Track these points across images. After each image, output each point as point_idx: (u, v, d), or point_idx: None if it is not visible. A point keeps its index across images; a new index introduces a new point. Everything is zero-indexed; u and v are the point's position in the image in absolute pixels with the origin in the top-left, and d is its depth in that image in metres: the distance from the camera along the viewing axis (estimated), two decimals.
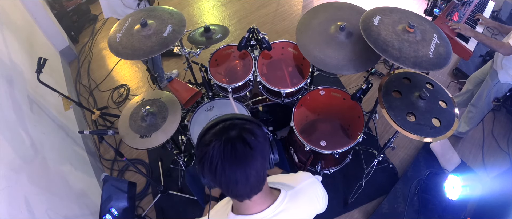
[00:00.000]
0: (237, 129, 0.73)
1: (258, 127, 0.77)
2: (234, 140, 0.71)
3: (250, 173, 0.72)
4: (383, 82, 1.64)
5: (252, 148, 0.71)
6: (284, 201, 0.86)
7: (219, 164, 0.70)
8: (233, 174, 0.71)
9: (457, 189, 2.07)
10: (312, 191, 0.94)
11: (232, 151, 0.70)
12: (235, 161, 0.70)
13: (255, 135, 0.73)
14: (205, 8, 3.88)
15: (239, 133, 0.72)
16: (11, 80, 1.95)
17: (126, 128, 1.75)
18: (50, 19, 3.05)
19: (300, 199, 0.91)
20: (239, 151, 0.70)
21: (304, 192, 0.93)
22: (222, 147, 0.70)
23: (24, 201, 1.50)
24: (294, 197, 0.89)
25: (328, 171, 2.08)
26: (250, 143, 0.71)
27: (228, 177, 0.71)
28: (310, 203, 0.93)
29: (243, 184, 0.73)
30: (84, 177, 2.25)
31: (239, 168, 0.71)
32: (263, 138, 0.76)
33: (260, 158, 0.73)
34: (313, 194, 0.94)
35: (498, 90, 2.11)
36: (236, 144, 0.70)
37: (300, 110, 2.07)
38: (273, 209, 0.84)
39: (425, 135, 1.46)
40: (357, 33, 1.70)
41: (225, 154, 0.70)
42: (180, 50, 1.96)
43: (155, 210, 2.31)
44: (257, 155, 0.72)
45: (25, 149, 1.74)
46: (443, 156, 2.42)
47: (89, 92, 3.09)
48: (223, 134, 0.72)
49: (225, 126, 0.74)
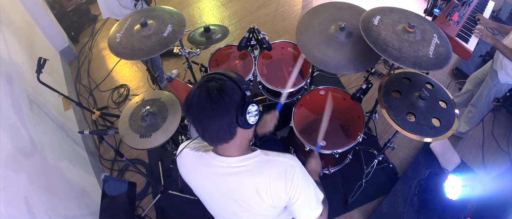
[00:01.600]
0: (213, 82, 0.82)
1: (235, 86, 0.84)
2: (202, 88, 0.82)
3: (207, 122, 0.82)
4: (383, 82, 1.64)
5: (212, 100, 0.80)
6: (254, 158, 0.91)
7: (188, 103, 0.84)
8: (195, 117, 0.83)
9: (457, 189, 2.07)
10: (287, 169, 0.89)
11: (198, 96, 0.82)
12: (197, 106, 0.82)
13: (222, 90, 0.81)
14: (205, 8, 3.88)
15: (210, 85, 0.82)
16: (11, 80, 1.95)
17: (126, 128, 1.75)
18: (50, 19, 3.05)
19: (269, 168, 0.90)
20: (201, 98, 0.81)
21: (277, 164, 0.90)
22: (194, 90, 0.83)
23: (24, 201, 1.50)
24: (265, 162, 0.91)
25: (328, 171, 2.08)
26: (212, 96, 0.80)
27: (192, 118, 0.84)
28: (279, 177, 0.88)
29: (202, 129, 0.84)
30: (84, 177, 2.24)
31: (197, 113, 0.82)
32: (231, 96, 0.82)
33: (219, 113, 0.81)
34: (283, 172, 0.89)
35: (498, 90, 2.11)
36: (201, 91, 0.82)
37: (300, 110, 2.07)
38: (239, 159, 0.91)
39: (425, 135, 1.46)
40: (357, 33, 1.70)
41: (194, 96, 0.82)
42: (180, 50, 1.96)
43: (155, 210, 2.31)
44: (215, 107, 0.80)
45: (25, 149, 1.74)
46: (443, 156, 2.42)
47: (89, 92, 3.09)
48: (202, 81, 0.84)
49: (209, 77, 0.85)
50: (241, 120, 0.83)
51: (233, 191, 0.94)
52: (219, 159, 0.92)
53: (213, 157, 0.93)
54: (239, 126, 0.85)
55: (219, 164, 0.92)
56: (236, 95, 0.83)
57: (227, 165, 0.91)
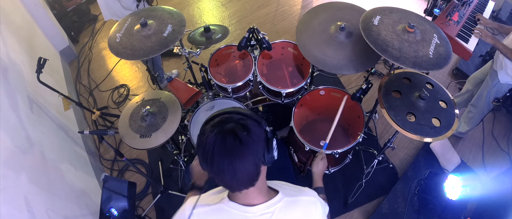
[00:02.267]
0: (233, 123, 0.75)
1: (256, 124, 0.79)
2: (226, 133, 0.74)
3: (238, 167, 0.75)
4: (383, 82, 1.64)
5: (243, 143, 0.74)
6: (278, 204, 0.86)
7: (210, 153, 0.74)
8: (222, 165, 0.74)
9: (457, 189, 2.07)
10: (310, 209, 0.90)
11: (222, 142, 0.74)
12: (224, 153, 0.74)
13: (249, 130, 0.75)
14: (205, 8, 3.88)
15: (233, 127, 0.74)
16: (11, 80, 1.95)
17: (126, 128, 1.75)
18: (50, 19, 3.05)
19: (294, 210, 0.88)
20: (229, 143, 0.73)
21: (301, 205, 0.90)
22: (214, 137, 0.74)
23: (24, 201, 1.50)
24: (289, 205, 0.87)
25: (328, 171, 2.08)
26: (241, 138, 0.74)
27: (217, 167, 0.75)
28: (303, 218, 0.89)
29: (230, 176, 0.76)
30: (84, 177, 2.25)
31: (226, 160, 0.74)
32: (258, 135, 0.77)
33: (249, 154, 0.75)
34: (309, 212, 0.90)
35: (498, 90, 2.11)
36: (226, 137, 0.74)
37: (301, 109, 2.07)
38: (264, 206, 0.85)
39: (425, 135, 1.46)
40: (357, 33, 1.70)
41: (216, 144, 0.74)
42: (180, 50, 1.96)
43: (155, 210, 2.31)
44: (246, 150, 0.74)
45: (25, 148, 1.74)
46: (443, 156, 2.42)
47: (89, 92, 3.09)
48: (219, 126, 0.76)
49: (223, 119, 0.77)
50: (268, 157, 0.80)
51: None
52: (242, 209, 0.84)
53: (234, 207, 0.85)
54: (264, 164, 0.81)
55: (243, 215, 0.85)
56: (261, 133, 0.79)
57: (252, 214, 0.84)
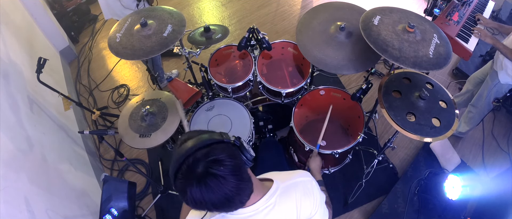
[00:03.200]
0: (202, 164, 0.73)
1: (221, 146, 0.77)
2: (204, 178, 0.72)
3: (231, 194, 0.75)
4: (383, 82, 1.64)
5: (224, 177, 0.73)
6: (276, 192, 0.88)
7: (203, 202, 0.74)
8: (218, 201, 0.75)
9: (457, 189, 2.07)
10: (307, 188, 0.94)
11: (207, 188, 0.72)
12: (214, 193, 0.73)
13: (221, 162, 0.74)
14: (205, 8, 3.88)
15: (205, 169, 0.72)
16: (11, 80, 1.95)
17: (125, 128, 1.76)
18: (50, 19, 3.05)
19: (294, 192, 0.90)
20: (212, 185, 0.72)
21: (299, 185, 0.93)
22: (197, 189, 0.72)
23: (24, 201, 1.50)
24: (286, 190, 0.90)
25: (328, 171, 2.08)
26: (220, 174, 0.73)
27: (215, 205, 0.76)
28: (305, 197, 0.92)
29: (228, 202, 0.77)
30: (84, 177, 2.24)
31: (219, 195, 0.74)
32: (230, 157, 0.76)
33: (233, 179, 0.75)
34: (308, 190, 0.93)
35: (498, 90, 2.11)
36: (207, 181, 0.72)
37: (300, 109, 2.07)
38: (264, 201, 0.86)
39: (425, 135, 1.46)
40: (357, 33, 1.70)
41: (202, 193, 0.73)
42: (180, 50, 1.96)
43: (155, 210, 2.31)
44: (230, 178, 0.74)
45: (25, 149, 1.74)
46: (443, 156, 2.42)
47: (89, 92, 3.09)
48: (192, 175, 0.73)
49: (189, 165, 0.73)
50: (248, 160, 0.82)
51: None
52: (244, 210, 0.86)
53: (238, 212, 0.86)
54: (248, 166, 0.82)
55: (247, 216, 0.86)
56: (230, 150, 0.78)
57: (255, 212, 0.86)
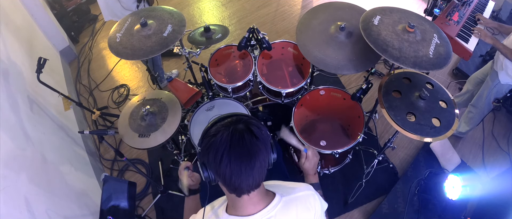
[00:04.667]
0: (244, 122, 0.77)
1: (262, 124, 0.81)
2: (242, 131, 0.75)
3: (255, 164, 0.75)
4: (383, 82, 1.64)
5: (258, 139, 0.76)
6: (277, 206, 0.86)
7: (226, 153, 0.73)
8: (239, 164, 0.74)
9: (457, 189, 2.07)
10: (309, 202, 0.92)
11: (239, 140, 0.74)
12: (242, 150, 0.74)
13: (260, 128, 0.78)
14: (205, 8, 3.88)
15: (246, 126, 0.76)
16: (11, 80, 1.95)
17: (125, 127, 1.75)
18: (50, 19, 3.05)
19: (295, 207, 0.89)
20: (247, 140, 0.74)
21: (300, 200, 0.91)
22: (230, 136, 0.74)
23: (24, 201, 1.50)
24: (288, 204, 0.88)
25: (328, 171, 2.08)
26: (257, 134, 0.76)
27: (233, 167, 0.74)
28: (306, 212, 0.91)
29: (246, 175, 0.75)
30: (84, 177, 2.25)
31: (245, 157, 0.74)
32: (267, 133, 0.80)
33: (264, 151, 0.77)
34: (309, 205, 0.92)
35: (498, 91, 2.11)
36: (243, 134, 0.74)
37: (300, 109, 2.06)
38: (265, 212, 0.84)
39: (425, 135, 1.46)
40: (357, 33, 1.70)
41: (232, 142, 0.73)
42: (180, 50, 1.96)
43: (155, 210, 2.31)
44: (262, 146, 0.76)
45: (25, 149, 1.74)
46: (443, 156, 2.41)
47: (89, 92, 3.09)
48: (231, 125, 0.76)
49: (233, 120, 0.78)
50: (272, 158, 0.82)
51: None
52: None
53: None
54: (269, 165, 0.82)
55: None
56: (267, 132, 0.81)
57: None
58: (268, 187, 0.91)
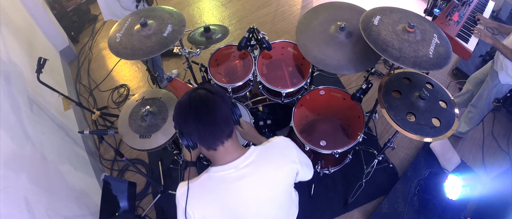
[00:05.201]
0: (201, 87, 0.92)
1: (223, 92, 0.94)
2: (198, 91, 0.90)
3: (216, 114, 0.88)
4: (383, 82, 1.64)
5: (214, 92, 0.90)
6: (254, 153, 0.96)
7: (189, 113, 0.88)
8: (201, 117, 0.87)
9: (457, 189, 2.07)
10: (284, 145, 1.01)
11: (196, 98, 0.88)
12: (201, 105, 0.87)
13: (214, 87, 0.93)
14: (205, 8, 3.88)
15: (203, 88, 0.91)
16: (11, 80, 1.95)
17: (125, 127, 1.75)
18: (50, 19, 3.05)
19: (271, 151, 0.98)
20: (203, 96, 0.89)
21: (275, 145, 1.00)
22: (189, 98, 0.89)
23: (24, 201, 1.50)
24: (264, 151, 0.97)
25: (328, 171, 2.08)
26: (211, 90, 0.90)
27: (198, 122, 0.88)
28: (282, 155, 0.99)
29: (211, 125, 0.88)
30: (84, 177, 2.24)
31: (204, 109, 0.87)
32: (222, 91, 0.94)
33: (222, 102, 0.90)
34: (285, 148, 1.00)
35: (498, 91, 2.11)
36: (199, 93, 0.89)
37: (300, 109, 2.06)
38: (243, 159, 0.94)
39: (425, 135, 1.46)
40: (357, 33, 1.70)
41: (191, 103, 0.88)
42: (180, 50, 1.96)
43: (155, 210, 2.31)
44: (218, 98, 0.90)
45: (25, 149, 1.74)
46: (443, 156, 2.42)
47: (89, 92, 3.09)
48: (192, 92, 0.91)
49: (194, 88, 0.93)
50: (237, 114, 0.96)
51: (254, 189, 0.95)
52: (224, 168, 0.93)
53: (218, 170, 0.94)
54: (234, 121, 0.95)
55: (227, 172, 0.93)
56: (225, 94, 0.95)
57: (234, 169, 0.93)
58: None
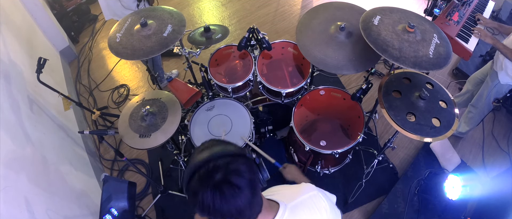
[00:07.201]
0: (222, 172, 0.72)
1: (243, 159, 0.76)
2: (221, 185, 0.71)
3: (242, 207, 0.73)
4: (383, 82, 1.64)
5: (240, 188, 0.72)
6: (284, 215, 0.86)
7: (212, 209, 0.72)
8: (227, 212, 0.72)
9: (457, 189, 2.07)
10: (314, 203, 0.93)
11: (221, 196, 0.71)
12: (226, 203, 0.71)
13: (240, 173, 0.73)
14: (205, 8, 3.88)
15: (224, 177, 0.71)
16: (11, 80, 1.95)
17: (126, 128, 1.75)
18: (50, 19, 3.05)
19: (302, 212, 0.90)
20: (227, 194, 0.71)
21: (305, 204, 0.91)
22: (211, 194, 0.71)
23: (24, 201, 1.50)
24: (294, 210, 0.88)
25: (328, 171, 2.08)
26: (238, 184, 0.72)
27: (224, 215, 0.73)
28: (313, 213, 0.92)
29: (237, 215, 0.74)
30: (84, 177, 2.24)
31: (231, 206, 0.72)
32: (249, 171, 0.75)
33: (248, 192, 0.74)
34: (315, 207, 0.93)
35: (498, 91, 2.11)
36: (223, 189, 0.71)
37: (300, 109, 2.07)
38: None
39: (425, 135, 1.46)
40: (357, 33, 1.70)
41: (214, 200, 0.71)
42: (180, 50, 1.96)
43: (155, 210, 2.31)
44: (245, 191, 0.73)
45: (25, 149, 1.74)
46: (443, 156, 2.42)
47: (89, 92, 3.09)
48: (209, 180, 0.71)
49: (209, 170, 0.72)
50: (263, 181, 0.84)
51: None
52: None
53: None
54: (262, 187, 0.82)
55: None
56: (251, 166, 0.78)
57: None
58: (270, 196, 0.91)
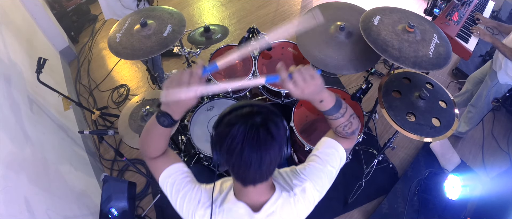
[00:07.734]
0: (263, 117, 0.74)
1: (281, 120, 0.79)
2: (259, 126, 0.73)
3: (265, 160, 0.75)
4: (383, 82, 1.64)
5: (273, 137, 0.74)
6: (278, 201, 0.87)
7: (239, 146, 0.72)
8: (249, 158, 0.73)
9: (457, 189, 2.08)
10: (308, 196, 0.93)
11: (255, 136, 0.72)
12: (255, 146, 0.73)
13: (278, 126, 0.76)
14: (205, 8, 3.88)
15: (264, 121, 0.74)
16: (11, 80, 1.95)
17: (125, 128, 1.76)
18: (50, 19, 3.05)
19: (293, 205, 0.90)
20: (262, 137, 0.73)
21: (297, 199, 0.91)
22: (247, 130, 0.72)
23: (24, 201, 1.50)
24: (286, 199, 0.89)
25: None
26: (273, 132, 0.74)
27: (244, 160, 0.74)
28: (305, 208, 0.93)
29: (255, 169, 0.76)
30: (84, 177, 2.24)
31: (257, 153, 0.73)
32: (284, 130, 0.78)
33: (277, 149, 0.76)
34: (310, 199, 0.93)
35: (498, 90, 2.11)
36: (259, 130, 0.72)
37: (300, 110, 2.07)
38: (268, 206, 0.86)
39: (425, 135, 1.46)
40: (357, 33, 1.70)
41: (247, 137, 0.72)
42: (180, 50, 1.96)
43: (155, 210, 2.31)
44: (275, 144, 0.75)
45: (24, 149, 1.74)
46: (443, 156, 2.42)
47: (89, 92, 3.09)
48: (249, 118, 0.73)
49: (252, 111, 0.75)
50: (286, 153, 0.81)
51: None
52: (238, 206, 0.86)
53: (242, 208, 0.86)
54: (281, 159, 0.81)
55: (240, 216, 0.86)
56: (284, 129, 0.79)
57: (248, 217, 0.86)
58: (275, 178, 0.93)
